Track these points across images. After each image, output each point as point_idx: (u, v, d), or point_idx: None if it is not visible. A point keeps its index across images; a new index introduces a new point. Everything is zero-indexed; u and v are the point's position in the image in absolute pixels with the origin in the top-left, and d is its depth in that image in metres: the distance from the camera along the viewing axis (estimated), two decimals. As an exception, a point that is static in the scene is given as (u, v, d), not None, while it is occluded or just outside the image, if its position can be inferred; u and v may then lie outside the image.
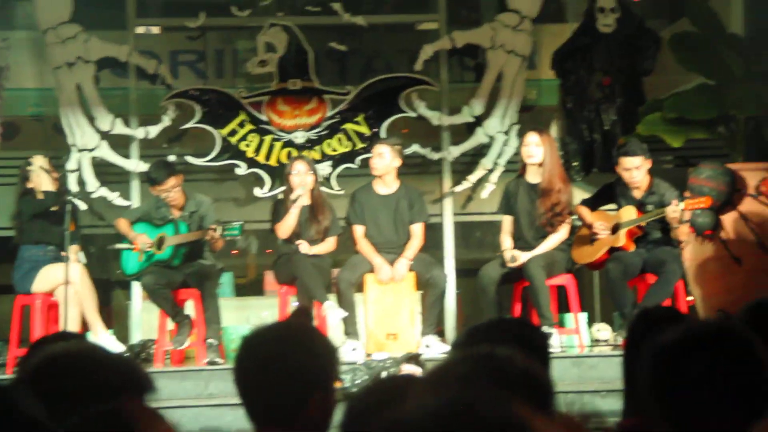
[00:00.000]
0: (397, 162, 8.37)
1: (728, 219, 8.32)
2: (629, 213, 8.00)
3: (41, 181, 8.05)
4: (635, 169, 7.92)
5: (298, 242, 8.12)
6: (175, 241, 7.96)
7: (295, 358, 2.53)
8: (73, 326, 7.71)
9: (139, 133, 9.40)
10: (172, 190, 8.05)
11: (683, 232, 7.87)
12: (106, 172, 9.41)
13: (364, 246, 8.31)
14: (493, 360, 2.19)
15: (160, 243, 8.01)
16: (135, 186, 9.35)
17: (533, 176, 8.21)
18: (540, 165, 8.14)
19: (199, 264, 8.10)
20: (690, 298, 8.37)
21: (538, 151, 8.13)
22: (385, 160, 8.32)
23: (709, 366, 2.13)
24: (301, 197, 8.17)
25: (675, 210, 7.62)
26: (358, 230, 8.38)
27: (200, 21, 9.51)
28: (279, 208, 8.35)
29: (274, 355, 2.53)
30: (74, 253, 8.11)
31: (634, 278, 7.95)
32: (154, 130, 9.40)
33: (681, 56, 8.88)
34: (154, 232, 8.07)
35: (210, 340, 7.84)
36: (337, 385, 2.61)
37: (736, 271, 8.24)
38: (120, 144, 9.41)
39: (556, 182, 8.10)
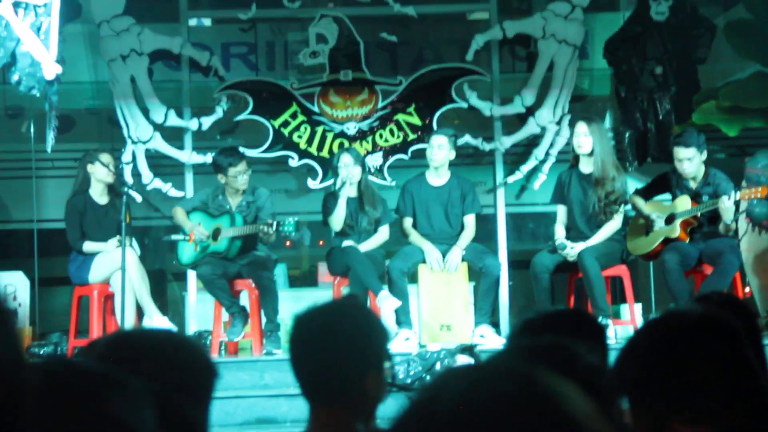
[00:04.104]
0: (453, 154, 8.37)
1: (785, 209, 8.22)
2: (684, 203, 7.90)
3: (102, 175, 8.10)
4: (687, 161, 7.80)
5: (346, 242, 8.13)
6: (231, 234, 7.99)
7: (350, 334, 2.48)
8: (130, 313, 7.76)
9: (193, 124, 9.46)
10: (245, 173, 8.10)
11: (730, 228, 7.75)
12: (160, 164, 9.48)
13: (413, 236, 8.31)
14: (555, 351, 2.16)
15: (215, 234, 8.05)
16: (189, 177, 9.41)
17: (585, 166, 8.15)
18: (590, 154, 8.08)
19: (254, 255, 8.12)
20: (747, 289, 8.29)
21: (588, 141, 8.06)
22: (444, 151, 8.31)
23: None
24: (346, 189, 8.18)
25: (728, 203, 7.49)
26: (407, 221, 8.38)
27: (251, 13, 9.54)
28: (329, 201, 8.37)
29: (329, 330, 2.49)
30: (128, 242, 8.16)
31: (690, 269, 7.87)
32: (207, 122, 9.45)
33: (736, 44, 8.80)
34: (209, 222, 8.11)
35: (269, 331, 7.89)
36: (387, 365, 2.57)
37: (794, 261, 8.15)
38: (173, 136, 9.48)
39: (610, 170, 8.02)
